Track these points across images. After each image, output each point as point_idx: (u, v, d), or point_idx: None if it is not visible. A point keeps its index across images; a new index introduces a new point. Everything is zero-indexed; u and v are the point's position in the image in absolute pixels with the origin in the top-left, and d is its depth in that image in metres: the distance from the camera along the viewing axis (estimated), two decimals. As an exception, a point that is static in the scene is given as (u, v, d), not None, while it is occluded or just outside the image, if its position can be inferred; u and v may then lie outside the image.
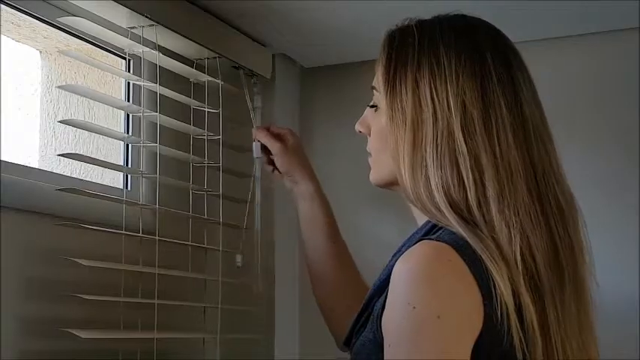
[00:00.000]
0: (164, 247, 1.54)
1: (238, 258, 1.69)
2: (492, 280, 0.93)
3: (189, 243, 1.66)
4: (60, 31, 1.52)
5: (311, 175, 1.47)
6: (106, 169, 1.64)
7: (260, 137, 1.51)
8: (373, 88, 1.14)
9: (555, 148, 1.07)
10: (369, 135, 1.17)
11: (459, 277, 0.93)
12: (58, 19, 1.45)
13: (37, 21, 1.47)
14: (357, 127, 1.19)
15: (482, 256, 0.94)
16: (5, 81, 1.51)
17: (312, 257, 1.45)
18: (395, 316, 0.94)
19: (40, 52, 1.64)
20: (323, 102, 2.13)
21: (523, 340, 0.93)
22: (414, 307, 0.91)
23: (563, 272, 1.00)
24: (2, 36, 1.48)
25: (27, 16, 1.45)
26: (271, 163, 1.52)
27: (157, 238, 1.53)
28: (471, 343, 0.92)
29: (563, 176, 1.06)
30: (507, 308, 0.93)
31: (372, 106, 1.16)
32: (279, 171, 1.49)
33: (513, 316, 0.93)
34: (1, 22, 1.42)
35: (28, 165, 1.46)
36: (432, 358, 0.89)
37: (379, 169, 1.14)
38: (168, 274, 1.55)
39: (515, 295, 0.94)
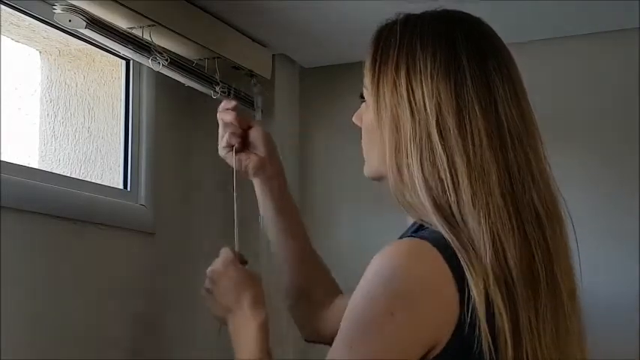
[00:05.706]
0: (164, 246, 1.54)
1: None
2: (467, 284, 0.93)
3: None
4: (60, 31, 1.52)
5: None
6: (106, 170, 1.64)
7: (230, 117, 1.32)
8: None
9: (540, 148, 1.04)
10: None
11: (432, 277, 0.93)
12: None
13: (37, 21, 1.47)
14: (354, 119, 1.20)
15: (460, 259, 0.94)
16: (5, 81, 1.51)
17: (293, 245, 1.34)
18: (353, 302, 0.94)
19: (40, 52, 1.64)
20: (323, 102, 2.13)
21: (492, 347, 0.92)
22: (372, 299, 0.93)
23: (539, 280, 0.98)
24: (2, 36, 1.48)
25: (27, 17, 1.45)
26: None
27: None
28: (422, 349, 0.92)
29: (546, 179, 1.03)
30: (479, 314, 0.92)
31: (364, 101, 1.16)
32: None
33: (484, 323, 0.92)
34: (1, 22, 1.42)
35: (28, 165, 1.45)
36: (370, 352, 0.91)
37: (369, 164, 1.14)
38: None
39: (489, 300, 0.93)
